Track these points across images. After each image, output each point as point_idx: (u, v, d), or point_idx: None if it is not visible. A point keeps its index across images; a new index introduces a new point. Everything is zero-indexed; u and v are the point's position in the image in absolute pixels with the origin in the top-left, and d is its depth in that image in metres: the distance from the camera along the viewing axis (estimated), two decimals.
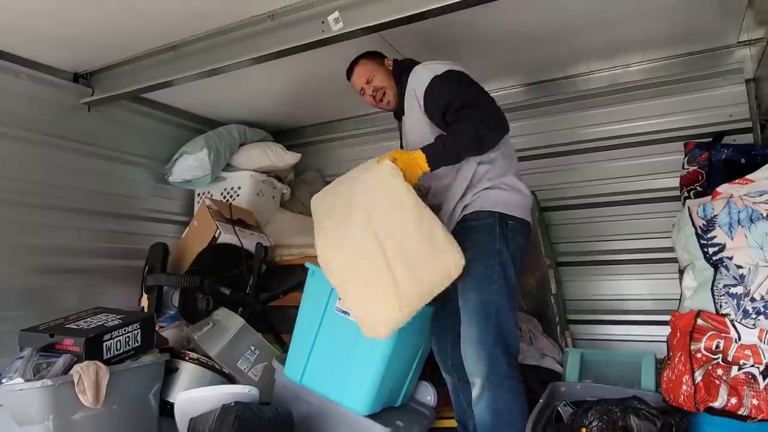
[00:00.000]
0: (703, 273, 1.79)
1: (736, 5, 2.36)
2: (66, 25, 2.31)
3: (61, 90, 2.79)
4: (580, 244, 3.09)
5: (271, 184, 3.56)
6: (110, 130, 3.04)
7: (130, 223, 3.15)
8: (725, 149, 2.51)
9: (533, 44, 2.70)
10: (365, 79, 2.22)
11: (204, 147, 3.23)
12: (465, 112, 1.88)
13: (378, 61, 2.24)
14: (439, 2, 1.94)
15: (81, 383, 1.86)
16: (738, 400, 1.61)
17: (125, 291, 2.98)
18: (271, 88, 3.18)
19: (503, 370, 1.82)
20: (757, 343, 1.63)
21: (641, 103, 2.96)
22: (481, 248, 1.89)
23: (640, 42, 2.77)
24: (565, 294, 3.11)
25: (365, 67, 2.23)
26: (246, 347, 2.46)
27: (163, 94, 3.04)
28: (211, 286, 2.69)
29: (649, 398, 1.87)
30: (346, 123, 3.83)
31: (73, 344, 1.94)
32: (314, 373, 2.14)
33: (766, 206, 1.72)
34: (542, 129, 3.16)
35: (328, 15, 2.15)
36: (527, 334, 2.61)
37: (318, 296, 2.14)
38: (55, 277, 2.70)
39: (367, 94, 2.24)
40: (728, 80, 2.78)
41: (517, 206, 1.96)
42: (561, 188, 3.14)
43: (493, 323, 1.84)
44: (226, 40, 2.43)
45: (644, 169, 2.93)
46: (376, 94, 2.21)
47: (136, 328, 2.14)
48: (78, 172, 2.87)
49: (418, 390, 2.39)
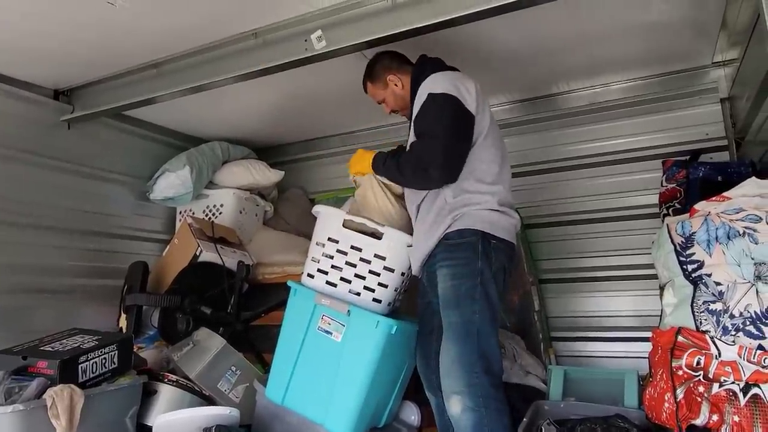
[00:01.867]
0: (682, 290, 1.81)
1: (710, 27, 2.43)
2: (46, 41, 2.29)
3: (40, 107, 2.76)
4: (562, 261, 3.11)
5: (254, 202, 3.55)
6: (90, 147, 3.01)
7: (110, 241, 3.11)
8: (702, 167, 2.56)
9: (514, 64, 2.74)
10: (375, 101, 2.32)
11: (186, 164, 3.21)
12: (415, 144, 1.97)
13: (378, 83, 2.25)
14: (419, 22, 1.98)
15: (54, 408, 1.79)
16: (719, 417, 1.62)
17: (104, 311, 2.92)
18: (254, 105, 3.18)
19: (487, 391, 1.79)
20: (737, 359, 1.64)
21: (621, 121, 3.02)
22: (462, 267, 1.88)
23: (619, 62, 2.82)
24: (548, 311, 3.12)
25: (370, 91, 2.31)
26: (227, 368, 2.41)
27: (144, 111, 3.02)
28: (192, 306, 2.65)
29: (633, 416, 1.88)
30: (330, 140, 3.84)
31: (47, 367, 1.88)
32: (296, 394, 2.10)
33: (743, 223, 1.75)
34: (524, 147, 3.20)
35: (312, 33, 2.16)
36: (511, 351, 2.61)
37: (300, 315, 2.11)
38: (31, 297, 2.65)
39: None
40: (704, 99, 2.85)
41: (502, 228, 1.94)
42: (543, 205, 3.17)
43: (475, 343, 1.82)
44: (210, 57, 2.43)
45: (624, 186, 2.98)
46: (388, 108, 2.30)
47: (113, 349, 2.09)
48: (56, 190, 2.82)
49: (402, 410, 2.36)
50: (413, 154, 1.99)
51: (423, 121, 1.98)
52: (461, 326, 1.84)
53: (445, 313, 1.90)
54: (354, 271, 2.07)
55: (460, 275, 1.87)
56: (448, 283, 1.89)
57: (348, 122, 3.62)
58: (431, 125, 1.94)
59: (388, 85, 2.23)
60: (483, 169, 1.97)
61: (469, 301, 1.84)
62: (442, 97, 1.94)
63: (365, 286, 2.06)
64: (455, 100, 1.93)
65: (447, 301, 1.88)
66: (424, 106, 1.98)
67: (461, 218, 1.92)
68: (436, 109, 1.94)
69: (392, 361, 2.10)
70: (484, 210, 1.93)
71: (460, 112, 1.93)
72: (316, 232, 2.21)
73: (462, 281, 1.86)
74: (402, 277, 2.11)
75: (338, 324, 2.04)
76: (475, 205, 1.93)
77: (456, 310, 1.86)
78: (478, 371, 1.79)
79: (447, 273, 1.90)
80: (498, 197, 1.96)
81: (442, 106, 1.94)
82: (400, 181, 2.11)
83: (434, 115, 1.94)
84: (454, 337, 1.84)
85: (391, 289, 2.08)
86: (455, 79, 2.00)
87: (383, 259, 2.06)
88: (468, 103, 1.94)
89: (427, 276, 2.04)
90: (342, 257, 2.09)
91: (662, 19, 2.33)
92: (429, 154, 1.91)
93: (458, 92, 1.94)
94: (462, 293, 1.86)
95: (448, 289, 1.89)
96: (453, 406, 1.82)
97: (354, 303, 2.04)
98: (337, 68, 2.42)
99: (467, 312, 1.84)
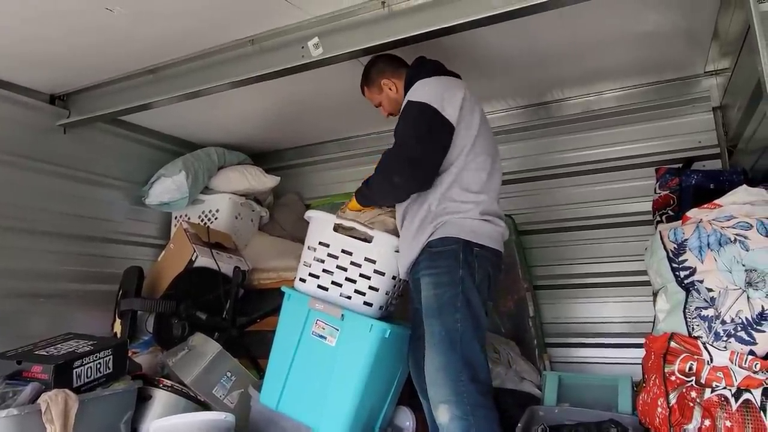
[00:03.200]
0: (675, 296, 1.82)
1: (702, 37, 2.46)
2: (44, 46, 2.30)
3: (36, 112, 2.75)
4: (557, 267, 3.12)
5: (249, 207, 3.55)
6: (86, 152, 3.01)
7: (105, 246, 3.10)
8: (695, 175, 2.58)
9: (509, 71, 2.76)
10: (374, 104, 2.35)
11: (182, 170, 3.21)
12: (387, 151, 2.00)
13: (373, 87, 2.28)
14: (415, 30, 1.99)
15: (48, 412, 1.79)
16: (711, 422, 1.63)
17: (98, 316, 2.91)
18: (250, 111, 3.19)
19: (474, 399, 1.78)
20: (729, 364, 1.65)
21: (614, 129, 3.04)
22: (444, 275, 1.88)
23: (612, 71, 2.85)
24: (543, 317, 3.13)
25: (366, 95, 2.35)
26: (222, 373, 2.41)
27: (141, 116, 3.02)
28: (187, 311, 2.65)
29: (626, 421, 1.89)
30: (326, 146, 3.85)
31: (42, 372, 1.88)
32: (291, 400, 2.10)
33: (734, 230, 1.77)
34: (518, 154, 3.22)
35: (308, 40, 2.18)
36: (506, 357, 2.62)
37: (294, 321, 2.12)
38: (26, 302, 2.64)
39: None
40: (697, 108, 2.88)
41: (486, 236, 1.93)
42: (537, 212, 3.18)
43: (458, 352, 1.81)
44: (207, 63, 2.44)
45: (618, 193, 3.00)
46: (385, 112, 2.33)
47: (107, 354, 2.08)
48: (52, 195, 2.82)
49: (397, 415, 2.36)
50: (379, 167, 2.02)
51: (397, 129, 2.00)
52: (444, 335, 1.83)
53: (428, 321, 1.89)
54: (345, 274, 2.08)
55: (442, 284, 1.87)
56: (430, 292, 1.89)
57: (344, 128, 3.63)
58: (402, 133, 1.96)
59: (383, 90, 2.24)
60: (469, 177, 1.96)
61: (452, 309, 1.84)
62: (417, 106, 1.94)
63: (356, 290, 2.07)
64: (431, 109, 1.91)
65: (430, 309, 1.88)
66: (401, 113, 2.00)
67: (443, 226, 1.92)
68: (409, 118, 1.95)
69: (386, 366, 2.11)
70: (466, 219, 1.92)
71: (434, 122, 1.91)
72: (308, 236, 2.22)
73: (444, 290, 1.86)
74: (393, 281, 2.11)
75: (332, 328, 2.04)
76: (457, 213, 1.92)
77: (438, 319, 1.86)
78: (464, 379, 1.78)
79: (429, 282, 1.91)
80: (482, 207, 1.94)
81: (415, 116, 1.94)
82: (378, 199, 2.13)
83: (406, 124, 1.96)
84: (438, 346, 1.84)
85: (382, 293, 2.08)
86: (439, 87, 1.98)
87: (373, 262, 2.06)
88: (448, 113, 1.92)
89: (413, 283, 2.05)
90: (333, 261, 2.10)
91: (655, 29, 2.36)
92: (393, 163, 1.95)
93: (439, 101, 1.92)
94: (444, 302, 1.85)
95: (430, 298, 1.89)
96: (441, 414, 1.81)
97: (345, 307, 2.04)
98: (333, 75, 2.43)
99: (449, 321, 1.84)
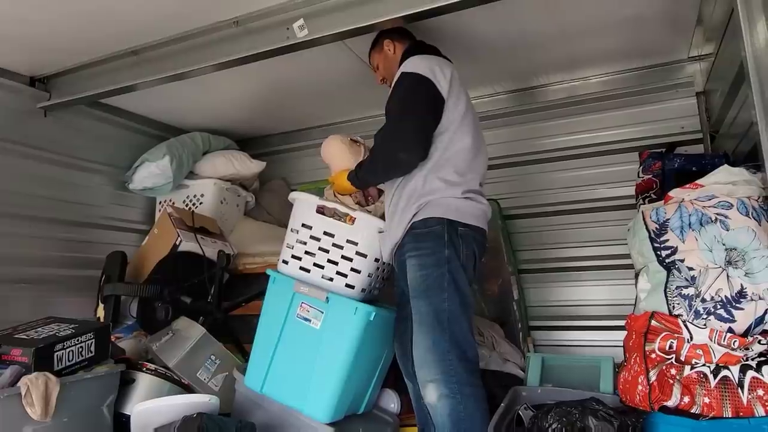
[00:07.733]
0: (656, 275, 1.84)
1: (686, 23, 2.48)
2: (22, 26, 2.25)
3: (16, 94, 2.71)
4: (541, 251, 3.15)
5: (235, 192, 3.53)
6: (67, 135, 2.97)
7: (88, 231, 3.07)
8: (677, 159, 2.60)
9: (493, 56, 2.76)
10: (373, 66, 2.36)
11: (166, 155, 3.18)
12: (381, 130, 2.02)
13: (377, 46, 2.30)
14: (402, 11, 1.98)
15: (29, 396, 1.77)
16: (690, 399, 1.66)
17: (80, 301, 2.88)
18: (236, 95, 3.16)
19: (462, 377, 1.80)
20: (708, 342, 1.68)
21: (599, 114, 3.06)
22: (429, 256, 1.88)
23: (597, 56, 2.86)
24: (527, 300, 3.16)
25: (370, 58, 2.36)
26: (206, 357, 2.40)
27: (123, 99, 2.98)
28: (171, 295, 2.63)
29: (607, 400, 1.91)
30: (312, 132, 3.82)
31: (22, 355, 1.86)
32: (275, 382, 2.10)
33: (715, 210, 1.79)
34: (503, 139, 3.23)
35: (294, 22, 2.16)
36: (490, 339, 2.63)
37: (279, 304, 2.11)
38: (7, 287, 2.61)
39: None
40: (680, 93, 2.90)
41: (470, 214, 1.93)
42: (522, 197, 3.20)
43: (446, 331, 1.82)
44: (190, 45, 2.41)
45: (602, 178, 3.02)
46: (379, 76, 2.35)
47: (89, 337, 2.06)
48: (33, 179, 2.78)
49: (382, 397, 2.38)
50: (379, 142, 2.01)
51: (392, 99, 2.00)
52: (432, 315, 1.84)
53: (415, 302, 1.90)
54: (327, 256, 2.08)
55: (428, 265, 1.87)
56: (417, 273, 1.90)
57: (329, 114, 3.62)
58: (398, 104, 1.97)
59: (383, 49, 2.25)
60: (454, 156, 1.97)
61: (438, 290, 1.85)
62: (413, 77, 1.95)
63: (338, 272, 2.07)
64: (426, 80, 1.94)
65: (416, 290, 1.89)
66: (396, 83, 2.01)
67: (426, 207, 1.93)
68: (407, 89, 1.96)
69: (371, 348, 2.11)
70: (448, 198, 1.93)
71: (430, 93, 1.94)
72: (291, 218, 2.22)
73: (430, 271, 1.87)
74: (377, 263, 2.11)
75: (317, 311, 2.04)
76: (439, 192, 1.93)
77: (425, 300, 1.86)
78: (452, 358, 1.80)
79: (415, 263, 1.91)
80: (465, 186, 1.95)
81: (413, 87, 1.95)
82: (382, 177, 2.10)
83: (405, 93, 1.96)
84: (426, 327, 1.85)
85: (364, 275, 2.08)
86: (432, 61, 2.01)
87: (355, 244, 2.06)
88: (441, 86, 1.95)
89: (398, 264, 2.05)
90: (315, 243, 2.10)
91: (639, 14, 2.37)
92: (396, 136, 1.94)
93: (432, 74, 1.95)
94: (430, 283, 1.86)
95: (417, 279, 1.89)
96: (429, 393, 1.82)
97: (326, 289, 2.04)
98: (318, 59, 2.42)
99: (436, 301, 1.84)
